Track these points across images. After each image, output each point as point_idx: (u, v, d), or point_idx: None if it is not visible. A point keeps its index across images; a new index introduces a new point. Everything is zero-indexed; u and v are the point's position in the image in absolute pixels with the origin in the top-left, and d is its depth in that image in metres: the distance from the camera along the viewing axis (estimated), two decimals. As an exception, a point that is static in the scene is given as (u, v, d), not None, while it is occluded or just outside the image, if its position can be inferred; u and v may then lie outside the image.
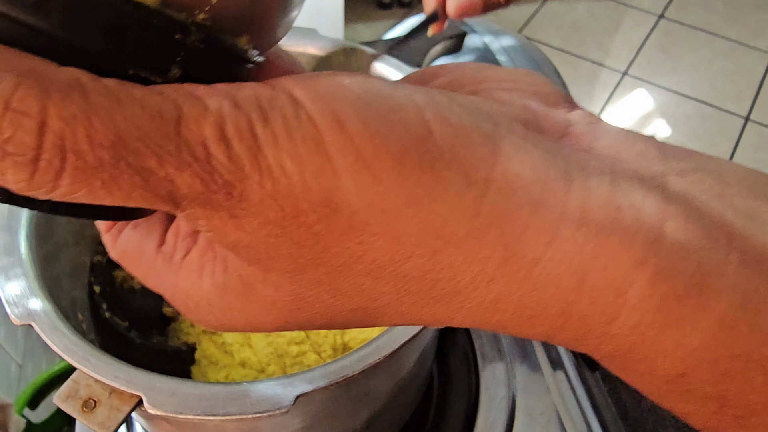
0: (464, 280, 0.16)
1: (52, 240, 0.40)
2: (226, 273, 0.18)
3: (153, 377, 0.32)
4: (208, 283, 0.18)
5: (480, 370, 0.53)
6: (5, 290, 0.34)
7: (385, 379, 0.40)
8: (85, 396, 0.32)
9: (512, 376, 0.53)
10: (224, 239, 0.16)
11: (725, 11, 2.26)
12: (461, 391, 0.53)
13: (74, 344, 0.33)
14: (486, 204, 0.15)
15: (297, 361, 0.45)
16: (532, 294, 0.16)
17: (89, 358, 0.32)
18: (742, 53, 2.12)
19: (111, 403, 0.32)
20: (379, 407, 0.42)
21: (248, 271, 0.17)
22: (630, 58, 2.12)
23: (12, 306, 0.34)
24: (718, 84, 2.02)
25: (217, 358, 0.46)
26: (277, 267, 0.16)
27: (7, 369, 0.67)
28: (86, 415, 0.31)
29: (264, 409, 0.31)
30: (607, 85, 2.04)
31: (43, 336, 0.33)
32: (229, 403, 0.31)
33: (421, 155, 0.15)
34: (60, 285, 0.40)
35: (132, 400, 0.31)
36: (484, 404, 0.51)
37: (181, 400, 0.31)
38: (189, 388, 0.32)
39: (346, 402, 0.39)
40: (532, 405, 0.52)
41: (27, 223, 0.38)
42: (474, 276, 0.16)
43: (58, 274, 0.40)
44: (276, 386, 0.32)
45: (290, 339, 0.45)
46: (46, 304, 0.34)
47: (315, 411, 0.37)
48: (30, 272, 0.36)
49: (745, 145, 1.86)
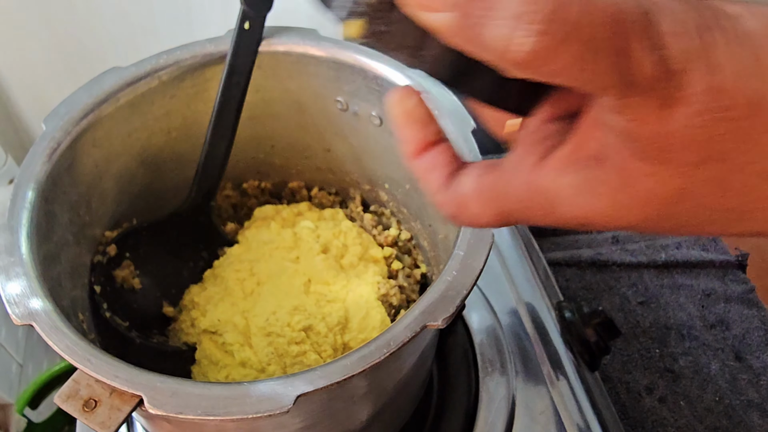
0: None
1: (53, 240, 0.40)
2: (602, 167, 0.19)
3: (154, 377, 0.32)
4: (573, 178, 0.20)
5: (480, 369, 0.54)
6: (6, 290, 0.34)
7: (385, 379, 0.40)
8: (85, 396, 0.32)
9: (512, 376, 0.53)
10: (639, 130, 0.18)
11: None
12: (461, 390, 0.53)
13: (75, 344, 0.33)
14: None
15: (297, 361, 0.45)
16: None
17: (90, 358, 0.32)
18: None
19: (112, 403, 0.32)
20: (379, 407, 0.42)
21: (635, 166, 0.19)
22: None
23: (13, 306, 0.34)
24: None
25: (218, 358, 0.46)
26: (677, 160, 0.18)
27: (8, 369, 0.66)
28: (87, 415, 0.31)
29: (264, 409, 0.31)
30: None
31: (43, 336, 0.33)
32: (230, 403, 0.31)
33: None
34: (61, 285, 0.40)
35: (133, 400, 0.31)
36: (483, 404, 0.52)
37: (181, 400, 0.31)
38: (189, 388, 0.32)
39: (346, 402, 0.39)
40: (532, 405, 0.52)
41: (28, 222, 0.38)
42: None
43: (59, 274, 0.40)
44: (276, 386, 0.32)
45: (290, 339, 0.45)
46: (46, 304, 0.34)
47: (315, 411, 0.37)
48: (31, 272, 0.35)
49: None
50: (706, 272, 0.79)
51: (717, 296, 0.77)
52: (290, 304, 0.47)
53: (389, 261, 0.54)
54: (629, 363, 0.71)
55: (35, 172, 0.40)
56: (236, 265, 0.51)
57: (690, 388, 0.70)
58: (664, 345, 0.73)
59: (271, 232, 0.53)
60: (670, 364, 0.71)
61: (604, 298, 0.77)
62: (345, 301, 0.49)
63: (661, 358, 0.72)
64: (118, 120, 0.46)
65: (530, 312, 0.58)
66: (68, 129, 0.42)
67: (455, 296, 0.35)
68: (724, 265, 0.79)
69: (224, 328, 0.47)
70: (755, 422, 0.67)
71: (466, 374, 0.54)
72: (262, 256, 0.51)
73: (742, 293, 0.77)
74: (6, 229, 0.37)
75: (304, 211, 0.56)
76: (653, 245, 0.81)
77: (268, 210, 0.56)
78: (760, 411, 0.68)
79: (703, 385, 0.70)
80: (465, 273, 0.36)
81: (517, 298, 0.59)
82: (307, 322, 0.46)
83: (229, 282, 0.50)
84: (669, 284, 0.78)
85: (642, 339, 0.73)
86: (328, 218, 0.56)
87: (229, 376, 0.46)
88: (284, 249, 0.51)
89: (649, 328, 0.74)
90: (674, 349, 0.73)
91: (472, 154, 0.41)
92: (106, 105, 0.44)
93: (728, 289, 0.77)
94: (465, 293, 0.35)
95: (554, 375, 0.54)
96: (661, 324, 0.74)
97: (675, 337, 0.73)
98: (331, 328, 0.47)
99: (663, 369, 0.71)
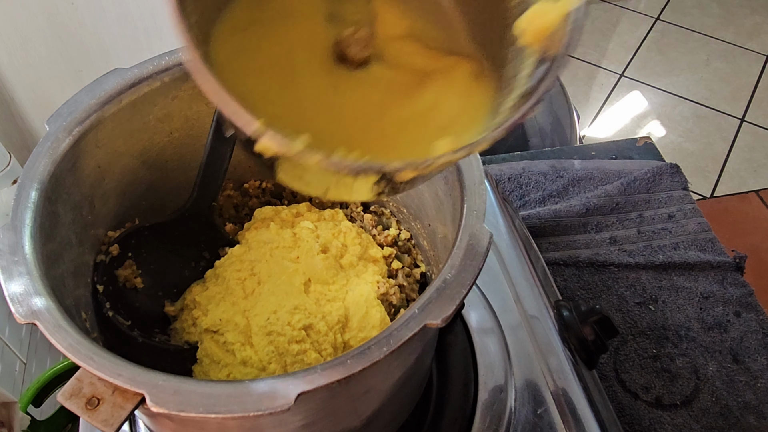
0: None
1: (56, 239, 0.41)
2: None
3: (156, 375, 0.32)
4: None
5: (479, 368, 0.54)
6: (10, 289, 0.35)
7: (384, 378, 0.41)
8: (88, 394, 0.32)
9: (511, 375, 0.54)
10: None
11: (720, 14, 2.27)
12: (460, 389, 0.53)
13: (78, 343, 0.33)
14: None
15: (298, 360, 0.45)
16: None
17: (93, 357, 0.33)
18: (737, 55, 2.12)
19: (114, 401, 0.32)
20: (379, 405, 0.43)
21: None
22: (626, 60, 2.12)
23: (16, 305, 0.34)
24: (714, 85, 2.03)
25: (219, 357, 0.47)
26: None
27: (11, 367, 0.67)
28: (90, 413, 0.32)
29: (265, 407, 0.31)
30: (604, 87, 2.05)
31: (47, 334, 0.33)
32: (231, 401, 0.31)
33: None
34: (64, 284, 0.40)
35: (135, 398, 0.32)
36: (482, 402, 0.52)
37: (183, 398, 0.31)
38: (191, 386, 0.32)
39: (346, 400, 0.40)
40: (531, 403, 0.52)
41: (31, 222, 0.38)
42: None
43: (62, 273, 0.40)
44: (277, 384, 0.32)
45: (291, 337, 0.46)
46: (49, 302, 0.35)
47: (315, 409, 0.38)
48: (34, 271, 0.36)
49: (741, 146, 1.86)
50: (705, 274, 0.79)
51: (715, 299, 0.77)
52: (290, 303, 0.47)
53: (389, 260, 0.55)
54: (626, 363, 0.72)
55: (38, 172, 0.40)
56: (237, 264, 0.51)
57: (687, 389, 0.70)
58: (662, 346, 0.73)
59: (270, 232, 0.53)
60: (667, 364, 0.72)
61: (601, 298, 0.77)
62: (345, 300, 0.49)
63: (658, 358, 0.72)
64: (121, 121, 0.46)
65: (528, 311, 0.58)
66: (71, 130, 0.43)
67: (454, 295, 0.35)
68: (721, 267, 0.80)
69: (225, 327, 0.47)
70: (752, 424, 0.67)
71: (465, 372, 0.54)
72: (263, 256, 0.51)
73: (741, 296, 0.77)
74: (9, 228, 0.37)
75: (303, 211, 0.56)
76: (650, 246, 0.82)
77: (267, 211, 0.56)
78: (756, 413, 0.68)
79: (700, 386, 0.70)
80: (464, 272, 0.36)
81: (516, 297, 0.59)
82: (308, 321, 0.47)
83: (230, 281, 0.50)
84: (667, 286, 0.78)
85: (639, 339, 0.74)
86: (328, 218, 0.56)
87: (231, 375, 0.46)
88: (284, 249, 0.52)
89: (646, 329, 0.75)
90: (672, 350, 0.73)
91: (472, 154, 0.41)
92: (109, 106, 0.45)
93: (727, 292, 0.78)
94: (464, 292, 0.35)
95: (552, 373, 0.54)
96: (658, 325, 0.75)
97: (673, 338, 0.74)
98: (331, 327, 0.47)
99: (660, 369, 0.71)
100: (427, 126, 0.34)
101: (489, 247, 0.37)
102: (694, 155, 1.84)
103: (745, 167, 1.81)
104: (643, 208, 0.86)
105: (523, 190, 0.87)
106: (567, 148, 0.94)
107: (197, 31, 0.30)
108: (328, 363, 0.33)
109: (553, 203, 0.86)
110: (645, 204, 0.86)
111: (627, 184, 0.86)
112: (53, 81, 0.79)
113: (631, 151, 0.93)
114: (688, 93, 2.01)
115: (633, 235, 0.83)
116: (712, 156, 1.84)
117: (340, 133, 0.33)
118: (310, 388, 0.32)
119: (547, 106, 1.11)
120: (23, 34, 0.73)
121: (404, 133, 0.34)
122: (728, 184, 1.76)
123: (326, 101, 0.35)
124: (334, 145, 0.31)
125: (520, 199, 0.87)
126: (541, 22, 0.29)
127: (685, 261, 0.79)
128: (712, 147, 1.86)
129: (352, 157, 0.28)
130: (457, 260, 0.37)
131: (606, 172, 0.89)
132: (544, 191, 0.87)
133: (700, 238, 0.82)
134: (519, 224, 0.69)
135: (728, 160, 1.83)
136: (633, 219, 0.84)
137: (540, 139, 1.08)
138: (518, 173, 0.89)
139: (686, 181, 0.88)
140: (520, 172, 0.89)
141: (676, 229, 0.83)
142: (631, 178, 0.87)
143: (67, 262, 0.42)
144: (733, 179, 1.77)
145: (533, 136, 1.08)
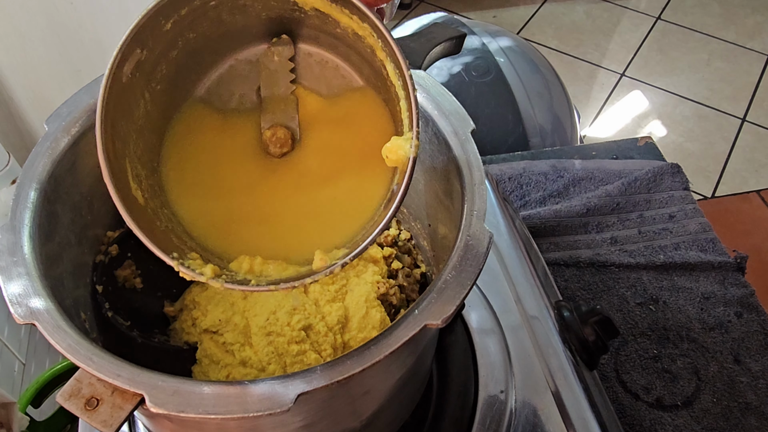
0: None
1: (55, 239, 0.40)
2: None
3: (155, 376, 0.32)
4: None
5: (479, 369, 0.54)
6: (9, 290, 0.35)
7: (384, 378, 0.41)
8: (87, 394, 0.32)
9: (511, 375, 0.54)
10: None
11: (721, 13, 2.26)
12: (460, 390, 0.53)
13: (77, 343, 0.33)
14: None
15: (297, 360, 0.45)
16: None
17: (92, 357, 0.32)
18: (738, 55, 2.12)
19: (113, 402, 0.32)
20: (379, 406, 0.43)
21: None
22: (627, 60, 2.12)
23: (15, 305, 0.34)
24: (715, 85, 2.03)
25: (219, 357, 0.46)
26: None
27: (10, 367, 0.67)
28: (89, 414, 0.32)
29: (265, 408, 0.31)
30: (605, 86, 2.05)
31: (46, 335, 0.33)
32: (231, 402, 0.31)
33: None
34: (63, 285, 0.40)
35: (134, 398, 0.32)
36: (482, 403, 0.52)
37: (182, 399, 0.31)
38: (191, 387, 0.32)
39: (346, 401, 0.39)
40: (531, 403, 0.52)
41: (30, 223, 0.38)
42: None
43: (61, 273, 0.40)
44: (277, 385, 0.32)
45: (290, 338, 0.46)
46: (49, 303, 0.35)
47: (315, 410, 0.38)
48: (33, 272, 0.36)
49: (742, 146, 1.86)
50: (706, 275, 0.79)
51: (716, 299, 0.77)
52: (290, 303, 0.47)
53: (389, 261, 0.55)
54: (627, 363, 0.72)
55: (38, 172, 0.40)
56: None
57: (688, 390, 0.70)
58: (663, 346, 0.73)
59: (271, 232, 0.53)
60: (668, 365, 0.72)
61: (602, 298, 0.77)
62: (345, 301, 0.49)
63: (659, 359, 0.72)
64: (120, 121, 0.46)
65: (529, 311, 0.58)
66: (70, 129, 0.43)
67: (455, 296, 0.35)
68: (722, 267, 0.79)
69: (225, 328, 0.47)
70: (753, 425, 0.67)
71: (465, 373, 0.54)
72: (263, 256, 0.51)
73: (742, 297, 0.77)
74: (8, 229, 0.37)
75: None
76: (651, 246, 0.81)
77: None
78: (757, 414, 0.68)
79: (701, 386, 0.70)
80: (464, 273, 0.36)
81: (516, 297, 0.59)
82: (307, 322, 0.47)
83: (229, 282, 0.50)
84: (668, 286, 0.78)
85: (640, 340, 0.74)
86: (329, 219, 0.56)
87: (230, 376, 0.46)
88: (284, 249, 0.52)
89: (647, 330, 0.74)
90: (672, 351, 0.73)
91: (472, 154, 0.41)
92: (108, 106, 0.45)
93: (728, 293, 0.77)
94: (464, 293, 0.35)
95: (553, 374, 0.54)
96: (659, 325, 0.75)
97: (674, 339, 0.74)
98: (330, 328, 0.47)
99: (661, 370, 0.71)
100: (322, 217, 0.41)
101: (489, 247, 0.37)
102: (695, 155, 1.84)
103: (746, 167, 1.80)
104: (644, 208, 0.86)
105: (523, 190, 0.87)
106: (568, 148, 0.94)
107: (140, 169, 0.39)
108: (327, 364, 0.33)
109: (554, 203, 0.86)
110: (646, 204, 0.86)
111: (628, 184, 0.86)
112: (52, 81, 0.79)
113: (632, 151, 0.93)
114: (689, 93, 2.01)
115: (634, 236, 0.83)
116: (713, 156, 1.84)
117: (257, 214, 0.41)
118: (309, 388, 0.31)
119: (548, 106, 1.10)
120: (22, 33, 0.73)
121: (308, 220, 0.41)
122: (729, 184, 1.76)
123: (252, 186, 0.42)
124: (250, 228, 0.40)
125: (521, 199, 0.87)
126: (395, 156, 0.37)
127: (686, 261, 0.79)
128: (713, 147, 1.86)
129: (249, 279, 0.37)
130: (458, 260, 0.37)
131: (607, 172, 0.89)
132: (544, 191, 0.87)
133: (701, 238, 0.82)
134: (519, 224, 0.69)
135: (729, 160, 1.83)
136: (634, 219, 0.84)
137: (540, 138, 1.08)
138: (519, 173, 0.89)
139: (687, 181, 0.88)
140: (521, 172, 0.89)
141: (677, 230, 0.83)
142: (631, 178, 0.87)
143: (66, 263, 0.42)
144: (734, 179, 1.77)
145: (534, 136, 1.08)
